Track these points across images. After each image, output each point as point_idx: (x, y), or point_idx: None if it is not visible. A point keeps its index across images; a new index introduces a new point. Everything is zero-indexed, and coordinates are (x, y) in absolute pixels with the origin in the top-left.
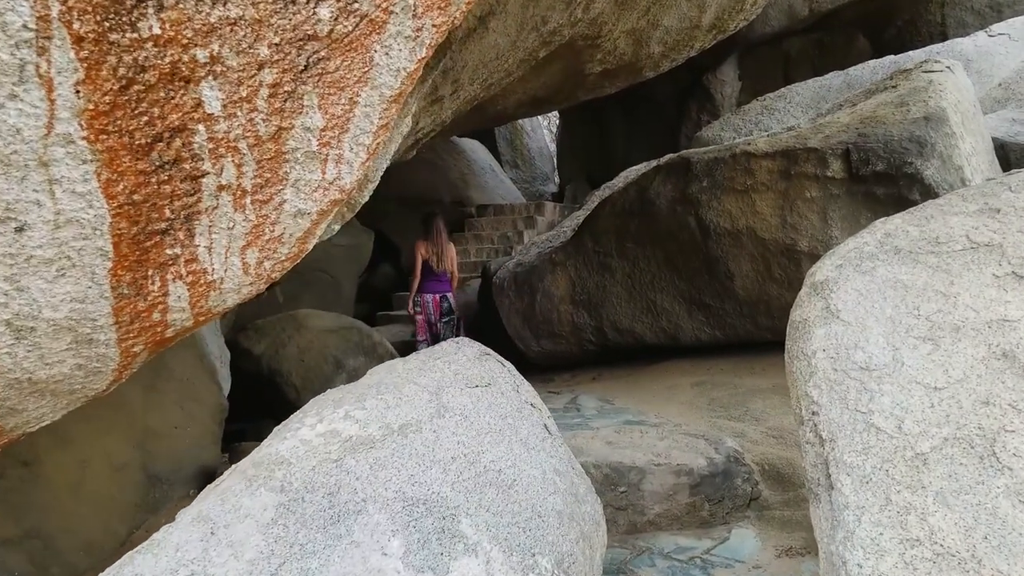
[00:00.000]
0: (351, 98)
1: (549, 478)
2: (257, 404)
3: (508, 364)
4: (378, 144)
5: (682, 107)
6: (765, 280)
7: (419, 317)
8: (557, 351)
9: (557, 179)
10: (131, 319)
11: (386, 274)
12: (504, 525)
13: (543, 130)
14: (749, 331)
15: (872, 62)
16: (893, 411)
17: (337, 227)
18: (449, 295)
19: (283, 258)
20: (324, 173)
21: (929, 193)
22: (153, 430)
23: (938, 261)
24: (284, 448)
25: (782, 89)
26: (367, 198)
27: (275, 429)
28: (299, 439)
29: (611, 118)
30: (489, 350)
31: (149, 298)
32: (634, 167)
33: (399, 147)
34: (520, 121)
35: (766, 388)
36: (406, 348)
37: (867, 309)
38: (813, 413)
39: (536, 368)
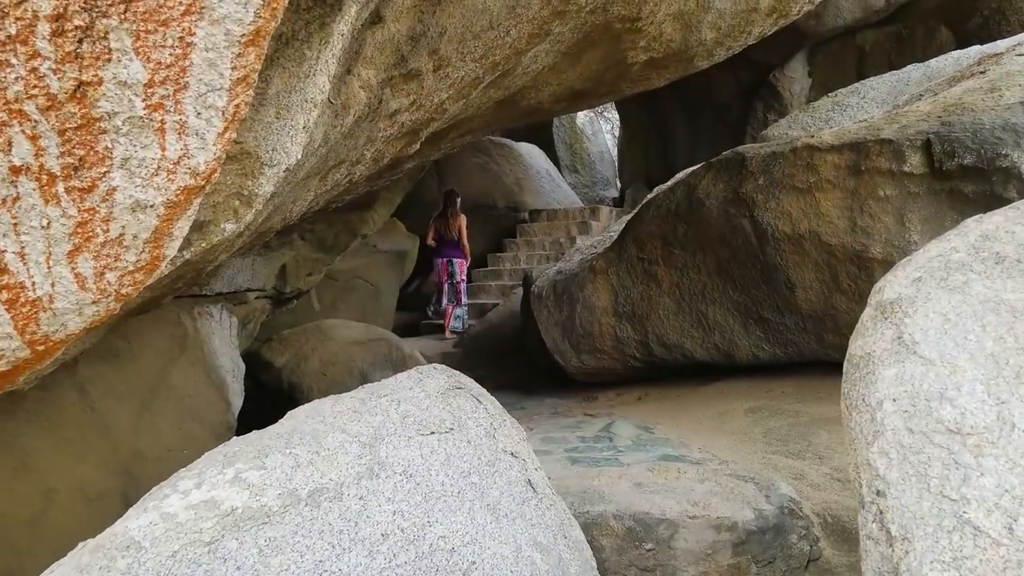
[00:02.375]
0: (182, 38)
1: (525, 556)
2: (276, 421)
3: (487, 400)
4: (238, 106)
5: (747, 107)
6: (831, 291)
7: (434, 280)
8: (599, 367)
9: (619, 184)
10: None
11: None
12: None
13: (605, 134)
14: (814, 350)
15: (956, 52)
16: (1000, 501)
17: (232, 227)
18: (455, 260)
19: (131, 268)
20: (164, 149)
21: None
22: (142, 454)
23: None
24: (136, 526)
25: (855, 84)
26: (269, 188)
27: (145, 495)
28: (161, 512)
29: (673, 120)
30: (464, 382)
31: None
32: (691, 168)
33: (354, 126)
34: (580, 124)
35: (833, 418)
36: (446, 359)
37: (958, 342)
38: (878, 493)
39: (579, 385)
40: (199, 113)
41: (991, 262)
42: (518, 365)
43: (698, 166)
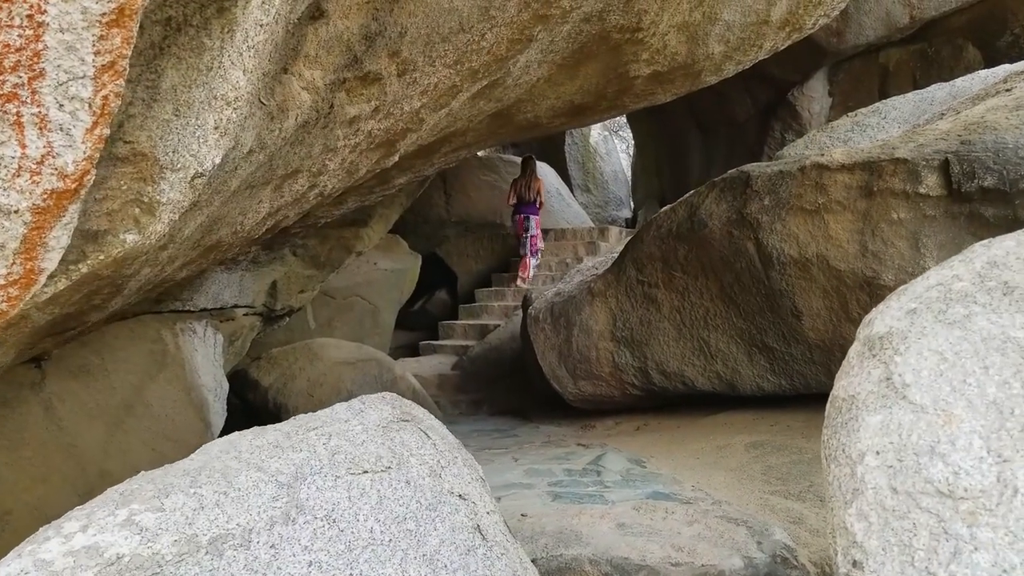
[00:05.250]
0: (31, 16)
1: None
2: None
3: (437, 435)
4: (107, 98)
5: (764, 126)
6: (840, 320)
7: (512, 233)
8: (597, 395)
9: (632, 204)
10: None
11: (442, 301)
12: None
13: (620, 153)
14: (821, 382)
15: (983, 72)
16: None
17: (134, 237)
18: (531, 217)
19: (1, 281)
20: (24, 146)
21: None
22: (111, 475)
23: None
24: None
25: (876, 104)
26: (175, 196)
27: (29, 537)
28: (36, 559)
29: (687, 139)
30: (414, 413)
31: None
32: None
33: (300, 131)
34: (594, 143)
35: None
36: (443, 381)
37: (955, 386)
38: (854, 564)
39: (576, 412)
40: (61, 105)
41: (998, 293)
42: (516, 389)
43: (703, 186)
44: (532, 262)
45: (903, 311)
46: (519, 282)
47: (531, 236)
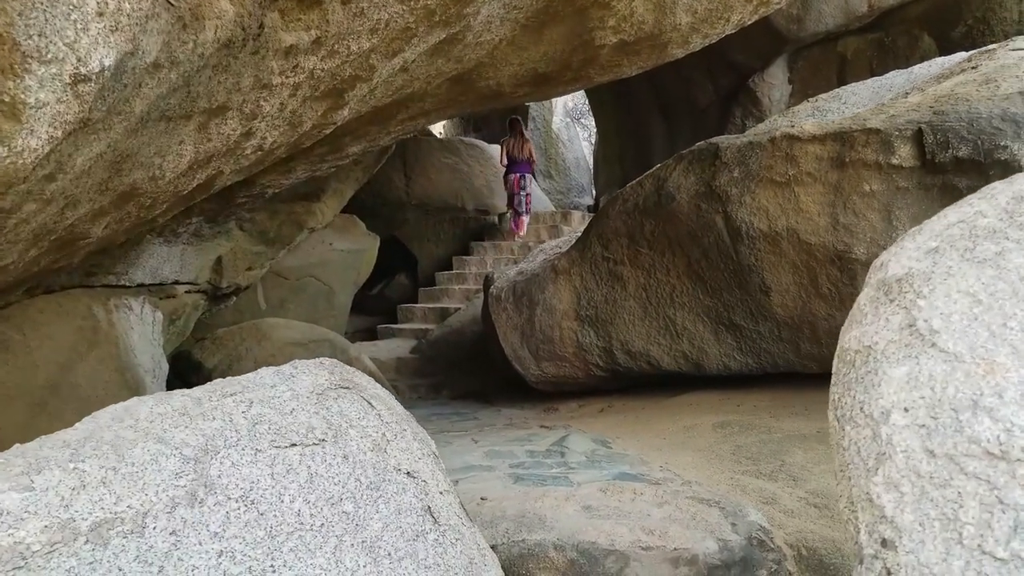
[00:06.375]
0: None
1: None
2: None
3: (383, 404)
4: None
5: (726, 112)
6: (810, 296)
7: (507, 192)
8: (560, 376)
9: (594, 191)
10: None
11: (402, 285)
12: None
13: (582, 141)
14: (789, 360)
15: (940, 59)
16: None
17: None
18: (527, 175)
19: None
20: None
21: None
22: None
23: None
24: None
25: (836, 89)
26: (48, 97)
27: None
28: None
29: (649, 125)
30: (356, 380)
31: None
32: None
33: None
34: (556, 129)
35: (809, 435)
36: (401, 365)
37: (995, 331)
38: (883, 544)
39: (539, 395)
40: None
41: None
42: (477, 373)
43: (670, 158)
44: (526, 219)
45: (922, 251)
46: (516, 238)
47: (527, 194)
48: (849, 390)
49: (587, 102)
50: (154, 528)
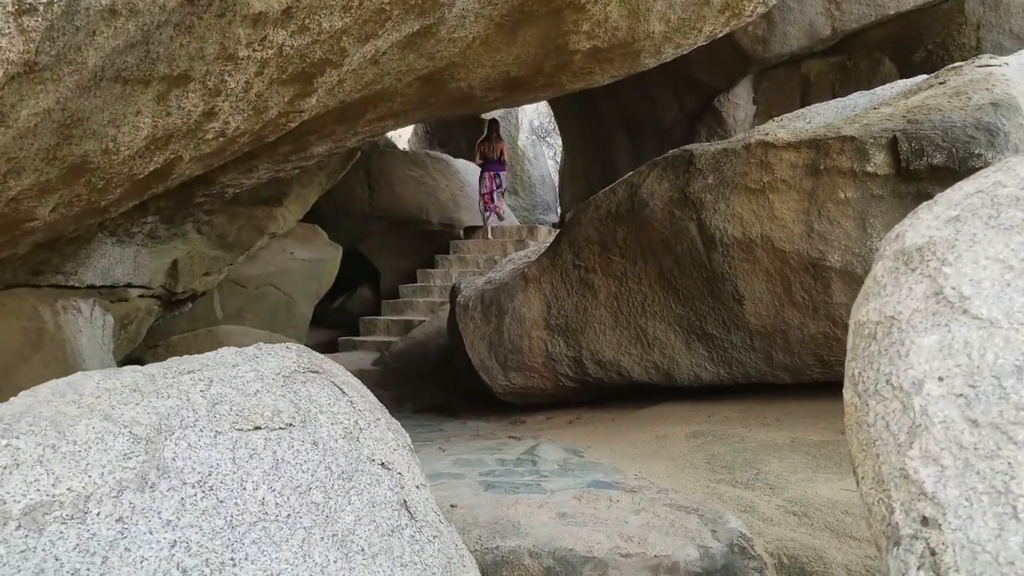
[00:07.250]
0: None
1: None
2: None
3: (355, 392)
4: None
5: (691, 133)
6: (783, 304)
7: (484, 193)
8: (528, 387)
9: (559, 209)
10: None
11: (364, 299)
12: None
13: (548, 159)
14: (761, 370)
15: (902, 81)
16: None
17: None
18: (501, 174)
19: None
20: None
21: None
22: None
23: None
24: None
25: (801, 109)
26: None
27: None
28: None
29: (615, 144)
30: (325, 367)
31: None
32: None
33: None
34: (522, 147)
35: (783, 444)
36: (363, 377)
37: None
38: (924, 522)
39: (507, 407)
40: None
41: None
42: (442, 386)
43: (643, 165)
44: (501, 213)
45: (941, 220)
46: (489, 236)
47: (502, 189)
48: (871, 363)
49: (553, 120)
50: (98, 514)
